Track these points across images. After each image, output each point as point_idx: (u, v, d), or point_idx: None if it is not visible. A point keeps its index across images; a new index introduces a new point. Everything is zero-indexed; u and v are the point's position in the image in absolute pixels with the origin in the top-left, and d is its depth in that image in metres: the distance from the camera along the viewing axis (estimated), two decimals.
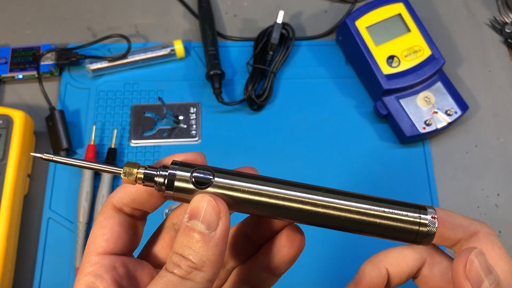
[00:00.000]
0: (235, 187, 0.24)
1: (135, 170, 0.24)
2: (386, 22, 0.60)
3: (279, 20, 0.62)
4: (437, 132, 0.59)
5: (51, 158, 0.24)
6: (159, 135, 0.60)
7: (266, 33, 0.63)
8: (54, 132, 0.58)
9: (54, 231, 0.56)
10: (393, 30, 0.60)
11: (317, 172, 0.59)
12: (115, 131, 0.59)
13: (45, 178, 0.58)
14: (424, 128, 0.57)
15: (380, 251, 0.29)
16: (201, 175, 0.24)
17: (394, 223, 0.25)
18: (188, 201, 0.24)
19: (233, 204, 0.24)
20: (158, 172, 0.24)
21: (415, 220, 0.25)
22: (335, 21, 0.67)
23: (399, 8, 0.60)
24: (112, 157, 0.57)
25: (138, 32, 0.67)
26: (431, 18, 0.67)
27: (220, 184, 0.24)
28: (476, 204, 0.58)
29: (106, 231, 0.25)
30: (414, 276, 0.29)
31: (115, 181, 0.58)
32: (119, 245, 0.25)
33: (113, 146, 0.58)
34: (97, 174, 0.57)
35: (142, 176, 0.24)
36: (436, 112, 0.58)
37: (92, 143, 0.58)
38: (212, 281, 0.23)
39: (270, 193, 0.24)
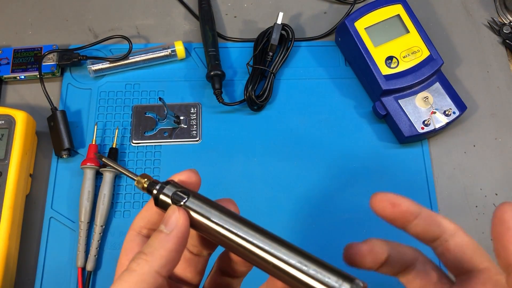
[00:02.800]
0: (199, 211, 0.28)
1: (143, 180, 0.29)
2: (385, 23, 0.60)
3: (279, 21, 0.63)
4: (435, 132, 0.59)
5: (104, 161, 0.32)
6: (160, 135, 0.61)
7: (266, 34, 0.64)
8: (56, 132, 0.58)
9: (55, 231, 0.56)
10: (392, 31, 0.60)
11: (316, 172, 0.59)
12: (117, 131, 0.60)
13: (47, 178, 0.58)
14: (422, 128, 0.58)
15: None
16: (177, 197, 0.28)
17: (312, 282, 0.25)
18: None
19: (198, 224, 0.28)
20: (154, 187, 0.29)
21: (335, 283, 0.24)
22: (334, 22, 0.68)
23: (398, 9, 0.61)
24: (113, 156, 0.58)
25: (139, 33, 0.67)
26: (429, 19, 0.68)
27: (189, 206, 0.28)
28: (474, 204, 0.58)
29: (128, 252, 0.29)
30: (401, 274, 0.29)
31: (116, 181, 0.58)
32: None
33: (114, 146, 0.59)
34: (98, 174, 0.58)
35: (146, 186, 0.29)
36: (435, 113, 0.59)
37: (93, 143, 0.59)
38: (161, 274, 0.26)
39: (217, 222, 0.27)
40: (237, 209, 0.30)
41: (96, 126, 0.60)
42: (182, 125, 0.61)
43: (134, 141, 0.60)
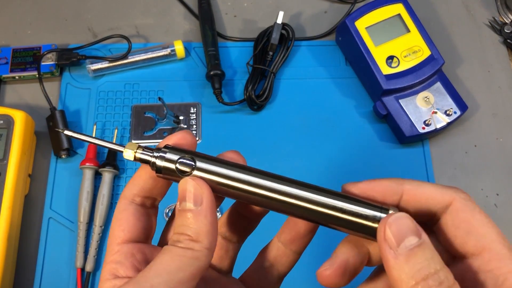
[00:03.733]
0: (214, 171, 0.26)
1: (133, 150, 0.27)
2: (386, 22, 0.60)
3: (279, 20, 0.63)
4: (436, 132, 0.59)
5: (70, 134, 0.28)
6: (160, 135, 0.60)
7: (266, 34, 0.64)
8: (55, 132, 0.58)
9: (54, 231, 0.56)
10: (393, 31, 0.60)
11: (317, 172, 0.59)
12: (116, 131, 0.60)
13: (46, 178, 0.58)
14: (423, 128, 0.58)
15: None
16: (185, 161, 0.26)
17: (355, 218, 0.25)
18: (177, 181, 0.27)
19: (213, 186, 0.27)
20: (152, 154, 0.27)
21: (374, 216, 0.25)
22: (334, 22, 0.67)
23: (399, 8, 0.60)
24: (112, 156, 0.58)
25: (139, 32, 0.67)
26: (430, 18, 0.67)
27: (202, 168, 0.26)
28: None
29: (121, 223, 0.27)
30: None
31: (116, 181, 0.58)
32: (135, 233, 0.28)
33: None
34: (97, 174, 0.58)
35: (140, 157, 0.27)
36: (436, 112, 0.58)
37: None
38: (211, 249, 0.25)
39: (241, 178, 0.26)
40: (243, 159, 0.29)
41: (95, 126, 0.60)
42: (182, 125, 0.61)
43: (133, 141, 0.60)
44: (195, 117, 0.61)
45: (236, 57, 0.65)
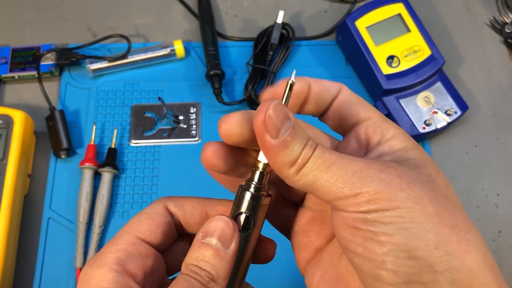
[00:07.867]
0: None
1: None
2: (386, 22, 0.60)
3: (279, 20, 0.62)
4: (437, 132, 0.59)
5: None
6: (159, 135, 0.60)
7: (266, 33, 0.63)
8: (54, 132, 0.58)
9: (54, 231, 0.56)
10: (393, 30, 0.60)
11: None
12: (115, 131, 0.60)
13: (45, 178, 0.58)
14: (424, 128, 0.58)
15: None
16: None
17: None
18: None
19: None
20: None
21: None
22: (335, 21, 0.67)
23: (399, 8, 0.60)
24: (112, 157, 0.58)
25: (138, 32, 0.67)
26: (431, 18, 0.67)
27: None
28: (476, 204, 0.58)
29: (154, 224, 0.27)
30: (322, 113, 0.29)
31: (115, 181, 0.58)
32: (157, 241, 0.27)
33: (113, 146, 0.58)
34: (97, 174, 0.57)
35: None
36: (436, 112, 0.58)
37: (92, 143, 0.58)
38: None
39: None
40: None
41: (94, 126, 0.60)
42: (182, 124, 0.61)
43: (133, 141, 0.60)
44: (195, 117, 0.61)
45: (236, 56, 0.65)
